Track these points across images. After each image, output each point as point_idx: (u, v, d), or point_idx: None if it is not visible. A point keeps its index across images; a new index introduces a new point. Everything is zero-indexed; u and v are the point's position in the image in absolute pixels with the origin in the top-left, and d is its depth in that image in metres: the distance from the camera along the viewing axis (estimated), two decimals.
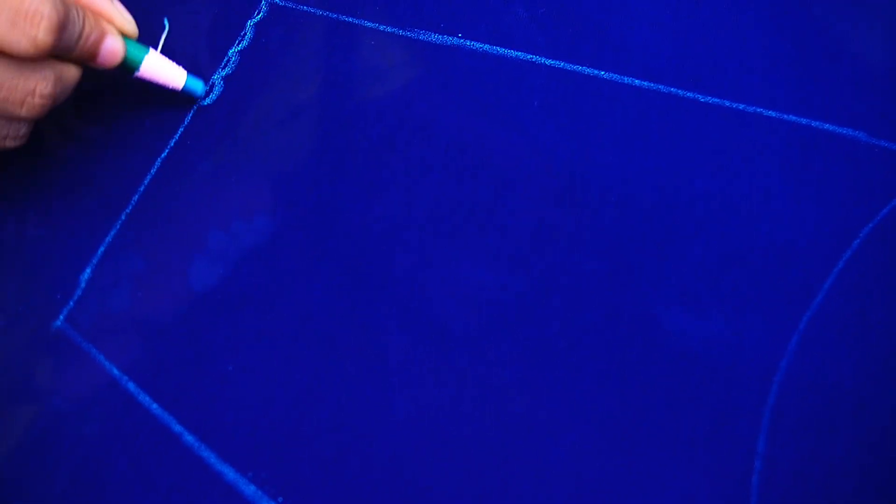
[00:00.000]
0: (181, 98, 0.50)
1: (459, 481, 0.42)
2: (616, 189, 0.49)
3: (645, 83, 0.52)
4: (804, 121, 0.50)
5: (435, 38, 0.53)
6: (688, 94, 0.51)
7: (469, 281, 0.47)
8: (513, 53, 0.53)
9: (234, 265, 0.47)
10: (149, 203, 0.49)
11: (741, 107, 0.51)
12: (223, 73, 0.52)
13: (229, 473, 0.42)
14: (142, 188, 0.49)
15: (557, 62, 0.52)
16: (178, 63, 0.51)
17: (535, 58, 0.53)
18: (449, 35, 0.53)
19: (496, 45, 0.53)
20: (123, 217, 0.48)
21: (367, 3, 0.54)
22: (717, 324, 0.45)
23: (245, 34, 0.53)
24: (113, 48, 0.46)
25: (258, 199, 0.49)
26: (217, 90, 0.52)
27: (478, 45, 0.53)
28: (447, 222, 0.48)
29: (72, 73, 0.45)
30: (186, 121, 0.51)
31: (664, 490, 0.42)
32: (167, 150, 0.50)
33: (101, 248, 0.48)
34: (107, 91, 0.52)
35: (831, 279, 0.46)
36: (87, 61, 0.45)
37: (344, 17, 0.54)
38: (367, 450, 0.43)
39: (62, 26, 0.41)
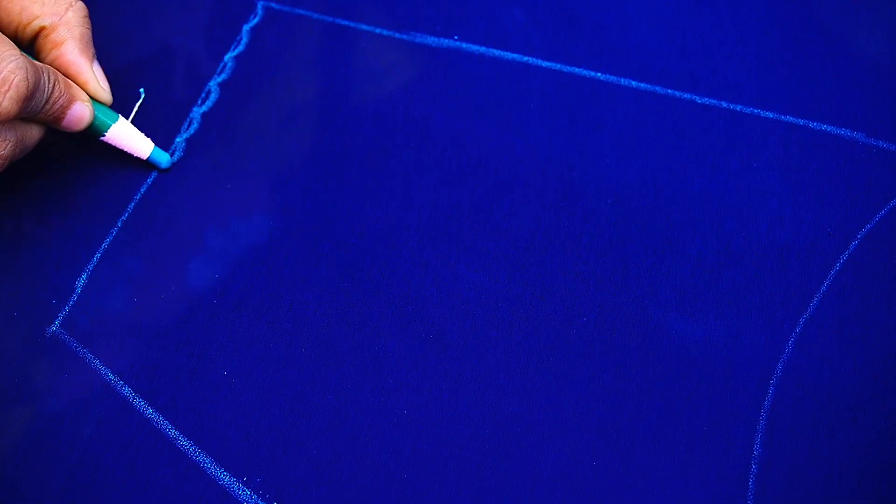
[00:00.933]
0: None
1: (456, 485, 0.42)
2: (613, 191, 0.49)
3: (642, 84, 0.52)
4: (802, 121, 0.50)
5: (431, 40, 0.53)
6: (685, 95, 0.51)
7: (465, 283, 0.47)
8: (510, 55, 0.53)
9: (230, 270, 0.47)
10: (145, 208, 0.49)
11: (738, 108, 0.51)
12: (219, 80, 0.52)
13: (224, 478, 0.43)
14: (138, 195, 0.49)
15: (554, 64, 0.52)
16: (175, 69, 0.51)
17: (532, 60, 0.52)
18: (446, 37, 0.53)
19: (493, 48, 0.53)
20: (120, 223, 0.49)
21: (363, 5, 0.54)
22: (714, 326, 0.45)
23: (241, 39, 0.53)
24: (79, 115, 0.45)
25: (255, 203, 0.49)
26: (213, 97, 0.52)
27: (475, 47, 0.53)
28: (444, 225, 0.48)
29: (33, 134, 0.44)
30: (182, 129, 0.51)
31: (661, 492, 0.42)
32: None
33: (98, 254, 0.48)
34: None
35: (828, 281, 0.46)
36: (51, 124, 0.45)
37: (340, 21, 0.54)
38: (363, 454, 0.43)
39: (30, 96, 0.41)
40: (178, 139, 0.50)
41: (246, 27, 0.54)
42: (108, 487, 0.42)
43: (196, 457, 0.43)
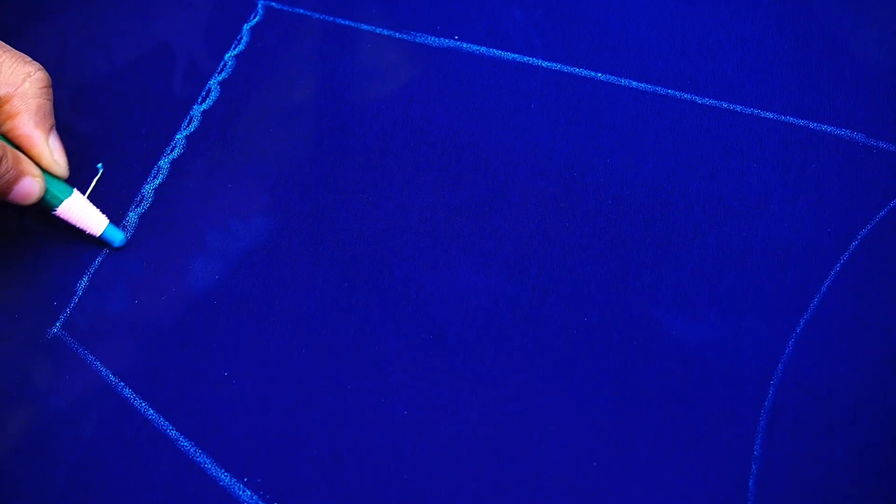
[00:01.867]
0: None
1: (456, 485, 0.42)
2: (613, 191, 0.49)
3: (642, 85, 0.52)
4: (802, 122, 0.50)
5: (431, 40, 0.53)
6: (685, 95, 0.51)
7: (465, 284, 0.47)
8: (510, 56, 0.53)
9: (231, 270, 0.47)
10: (145, 209, 0.49)
11: (738, 108, 0.51)
12: (219, 78, 0.52)
13: (224, 478, 0.43)
14: (138, 196, 0.49)
15: (554, 64, 0.52)
16: (175, 67, 0.51)
17: (531, 60, 0.52)
18: (445, 37, 0.53)
19: (493, 48, 0.53)
20: (120, 225, 0.49)
21: (364, 5, 0.54)
22: (714, 326, 0.45)
23: (241, 38, 0.53)
24: (27, 191, 0.44)
25: (255, 203, 0.49)
26: (213, 95, 0.52)
27: (474, 47, 0.53)
28: (443, 225, 0.48)
29: None
30: (182, 126, 0.51)
31: (661, 492, 0.42)
32: (164, 156, 0.50)
33: (99, 256, 0.48)
34: (103, 96, 0.52)
35: (829, 281, 0.46)
36: None
37: (340, 20, 0.54)
38: (363, 454, 0.43)
39: None
40: (177, 136, 0.50)
41: (246, 26, 0.54)
42: (108, 488, 0.42)
43: (197, 457, 0.43)
